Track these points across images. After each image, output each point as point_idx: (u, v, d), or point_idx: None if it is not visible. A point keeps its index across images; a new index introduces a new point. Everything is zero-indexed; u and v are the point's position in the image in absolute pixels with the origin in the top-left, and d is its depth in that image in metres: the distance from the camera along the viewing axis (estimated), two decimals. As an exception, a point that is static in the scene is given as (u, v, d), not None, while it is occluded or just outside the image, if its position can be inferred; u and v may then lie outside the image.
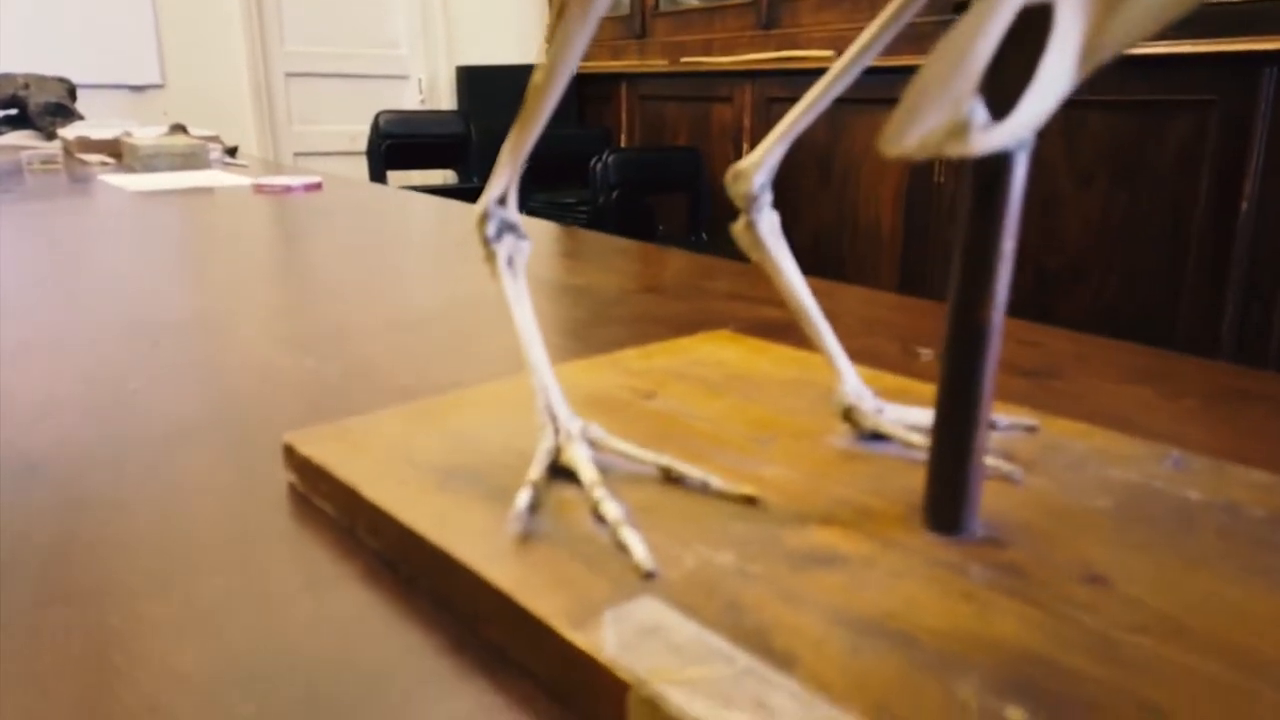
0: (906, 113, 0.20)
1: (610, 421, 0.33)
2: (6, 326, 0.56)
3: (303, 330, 0.54)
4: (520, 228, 0.33)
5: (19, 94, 2.36)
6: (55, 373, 0.46)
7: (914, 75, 0.21)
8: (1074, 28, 0.20)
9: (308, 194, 1.33)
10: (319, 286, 0.68)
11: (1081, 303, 1.97)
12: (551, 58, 0.29)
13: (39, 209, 1.15)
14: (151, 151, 1.57)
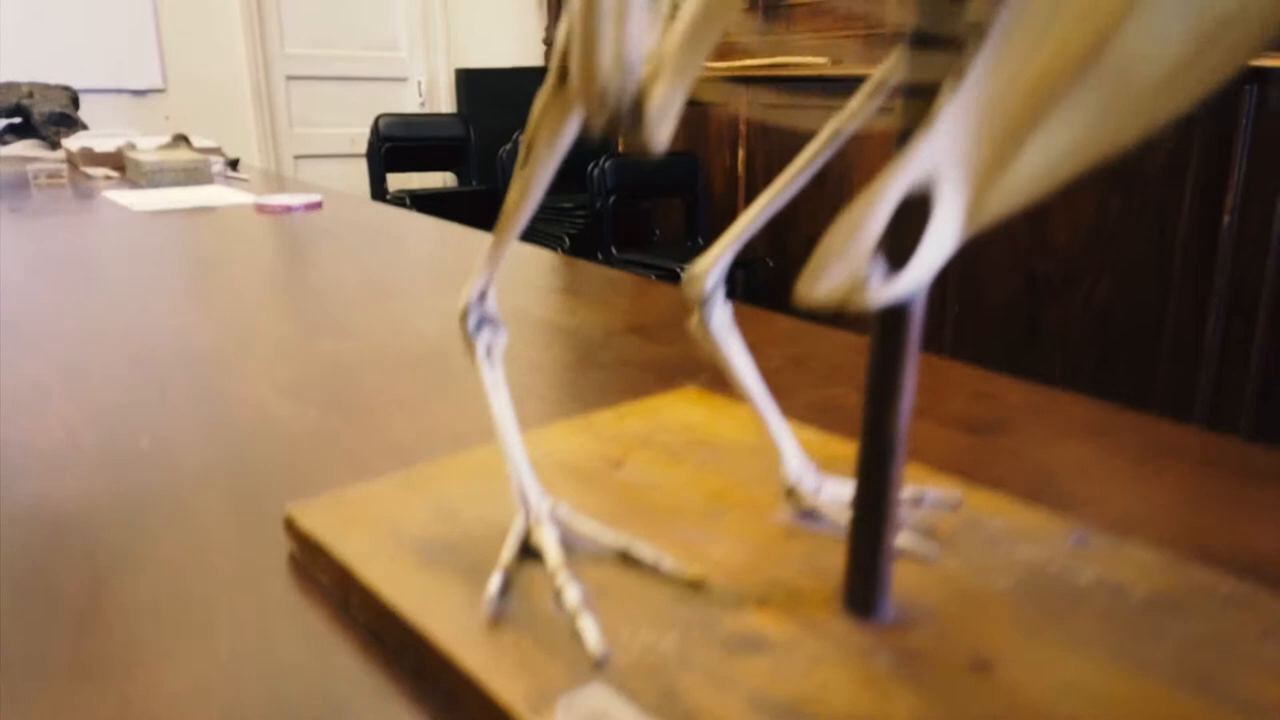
0: (817, 267, 0.24)
1: (580, 493, 0.37)
2: (26, 363, 0.60)
3: (304, 371, 0.58)
4: (498, 320, 0.36)
5: (23, 103, 2.39)
6: (72, 421, 0.50)
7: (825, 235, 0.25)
8: (955, 204, 0.23)
9: (308, 213, 1.37)
10: (320, 318, 0.71)
11: (1072, 307, 2.01)
12: (522, 184, 0.32)
13: (47, 229, 1.19)
14: (155, 167, 1.60)
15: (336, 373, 0.59)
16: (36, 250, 1.06)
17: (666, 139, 0.25)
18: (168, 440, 0.48)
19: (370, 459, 0.45)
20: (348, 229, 1.19)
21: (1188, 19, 0.20)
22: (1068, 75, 0.21)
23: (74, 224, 1.25)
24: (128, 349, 0.64)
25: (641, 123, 0.24)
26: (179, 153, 1.72)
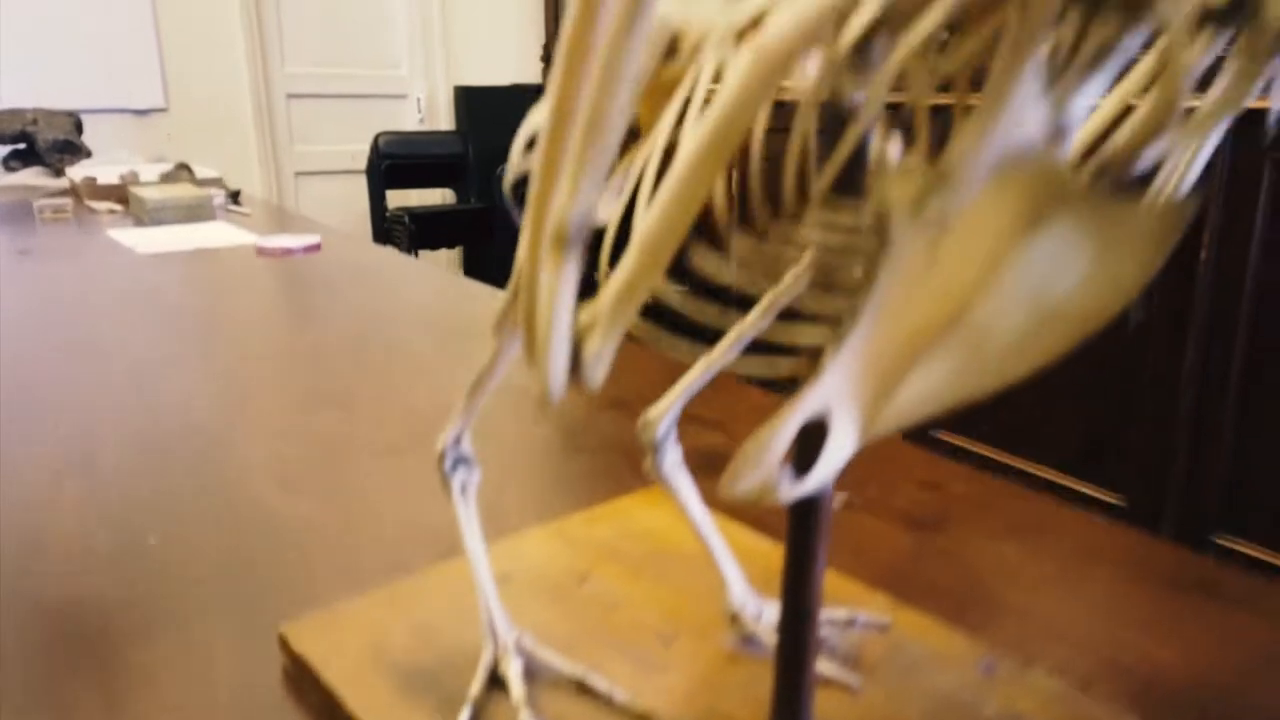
0: (734, 471, 0.28)
1: (549, 610, 0.41)
2: (38, 445, 0.64)
3: (301, 455, 0.62)
4: (472, 460, 0.40)
5: (27, 129, 2.44)
6: (85, 515, 0.54)
7: (743, 445, 0.29)
8: (846, 427, 0.27)
9: (307, 255, 1.41)
10: (317, 387, 0.75)
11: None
12: (493, 356, 0.36)
13: (53, 277, 1.23)
14: (158, 205, 1.64)
15: (331, 457, 0.63)
16: (43, 302, 1.10)
17: (602, 379, 0.29)
18: (174, 537, 0.52)
19: (361, 559, 0.49)
20: (346, 277, 1.23)
21: (1024, 308, 0.24)
22: (931, 339, 0.25)
23: (79, 270, 1.29)
24: (135, 429, 0.68)
25: (578, 369, 0.28)
26: (181, 189, 1.76)
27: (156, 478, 0.60)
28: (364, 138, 3.83)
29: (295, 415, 0.71)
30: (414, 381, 0.79)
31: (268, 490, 0.58)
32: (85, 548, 0.51)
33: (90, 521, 0.54)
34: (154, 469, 0.61)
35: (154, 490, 0.58)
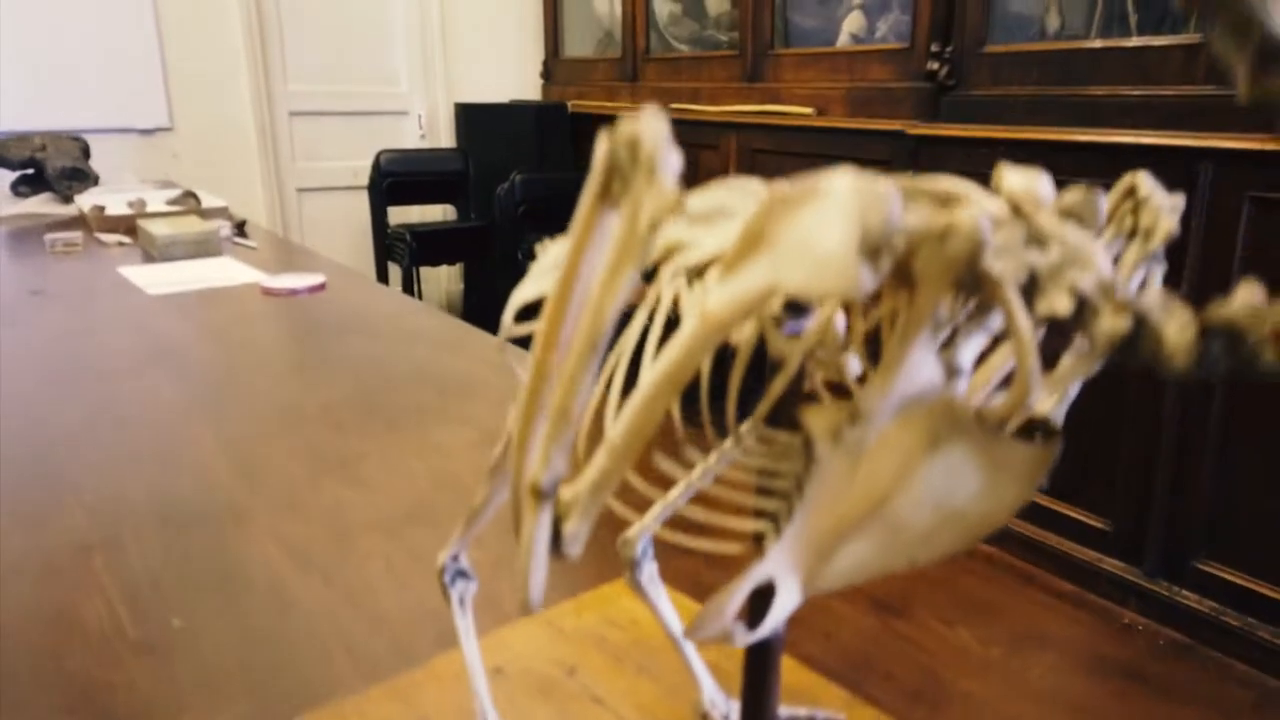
0: (698, 623, 0.32)
1: (537, 704, 0.45)
2: (69, 515, 0.68)
3: (314, 532, 0.66)
4: (470, 573, 0.45)
5: (36, 155, 2.48)
6: (113, 594, 0.58)
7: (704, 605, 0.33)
8: (789, 591, 0.32)
9: (312, 295, 1.46)
10: (325, 453, 0.80)
11: (1041, 367, 2.09)
12: (484, 494, 0.41)
13: (65, 320, 1.28)
14: (167, 240, 1.69)
15: (341, 534, 0.67)
16: (59, 353, 1.14)
17: (579, 553, 0.33)
18: (196, 619, 0.56)
19: (371, 644, 0.54)
20: (350, 322, 1.28)
21: (930, 510, 0.28)
22: (855, 527, 0.29)
23: (91, 313, 1.34)
24: (157, 501, 0.72)
25: (559, 544, 0.32)
26: (189, 224, 1.80)
27: (179, 555, 0.64)
28: (365, 154, 3.87)
29: (307, 486, 0.75)
30: (419, 447, 0.83)
31: (284, 569, 0.62)
32: (114, 629, 0.55)
33: (118, 600, 0.58)
34: (177, 545, 0.65)
35: (177, 569, 0.62)
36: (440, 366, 1.09)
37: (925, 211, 0.24)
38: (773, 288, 0.24)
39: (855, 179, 0.25)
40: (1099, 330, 0.24)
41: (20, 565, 0.63)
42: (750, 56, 2.97)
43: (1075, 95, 1.97)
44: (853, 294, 0.23)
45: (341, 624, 0.56)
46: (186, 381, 1.03)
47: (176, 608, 0.58)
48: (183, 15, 3.46)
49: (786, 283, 0.23)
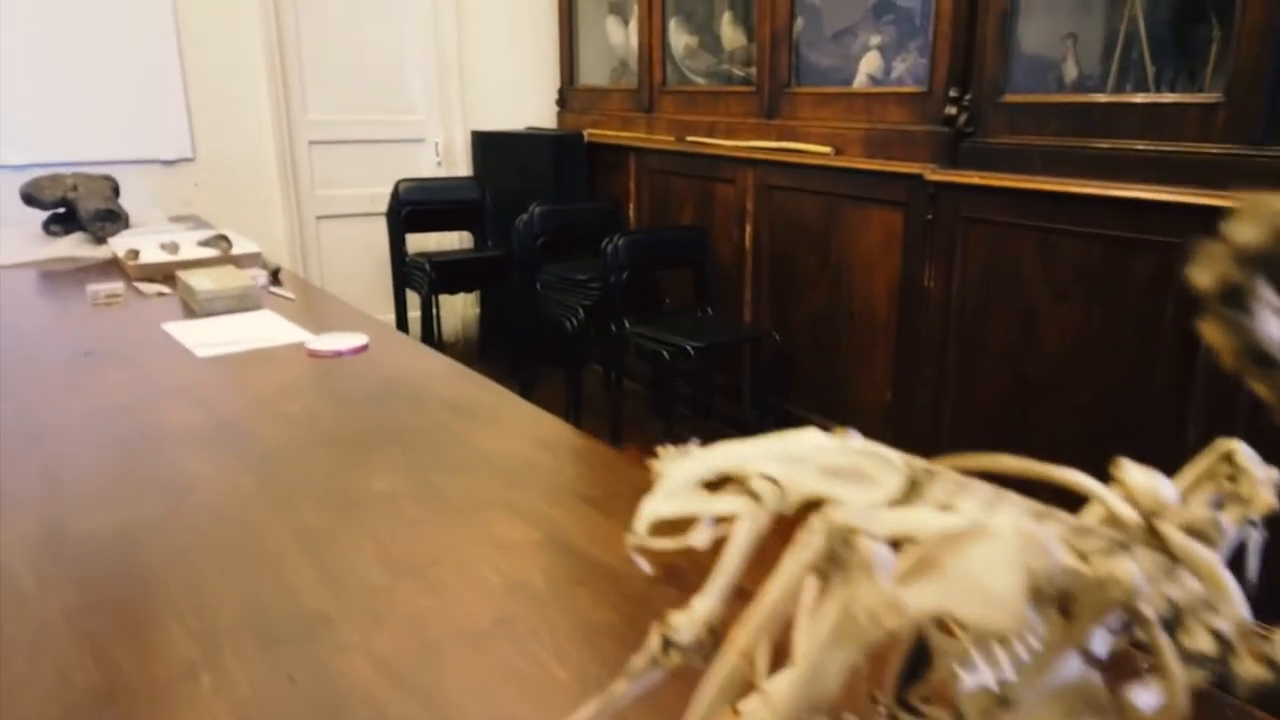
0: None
1: None
2: (175, 637, 0.72)
3: (399, 646, 0.70)
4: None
5: (68, 196, 2.53)
6: (220, 715, 0.62)
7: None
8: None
9: (356, 357, 1.50)
10: (398, 551, 0.84)
11: (1059, 410, 2.13)
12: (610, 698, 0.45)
13: (121, 389, 1.32)
14: (209, 296, 1.73)
15: (425, 647, 0.71)
16: (120, 422, 1.18)
17: None
18: (309, 749, 0.60)
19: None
20: (400, 392, 1.32)
21: None
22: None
23: (145, 379, 1.38)
24: (250, 611, 0.76)
25: None
26: (228, 275, 1.84)
27: (282, 676, 0.68)
28: (383, 181, 3.92)
29: (387, 593, 0.79)
30: (485, 546, 0.87)
31: (381, 691, 0.66)
32: (234, 759, 0.59)
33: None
34: (278, 664, 0.69)
35: (283, 693, 0.66)
36: (492, 447, 1.13)
37: (1087, 546, 0.28)
38: (944, 612, 0.27)
39: (1019, 520, 0.28)
40: (1240, 674, 0.27)
41: (134, 687, 0.67)
42: (767, 93, 3.01)
43: (1093, 147, 2.01)
44: (1019, 631, 0.26)
45: (446, 754, 0.60)
46: (251, 462, 1.07)
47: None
48: (206, 49, 3.51)
49: (958, 612, 0.27)
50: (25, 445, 1.13)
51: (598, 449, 1.12)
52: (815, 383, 2.96)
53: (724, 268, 3.25)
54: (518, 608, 0.77)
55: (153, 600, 0.79)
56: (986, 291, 2.25)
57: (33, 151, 3.22)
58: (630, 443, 3.22)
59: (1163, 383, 1.89)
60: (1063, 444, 2.12)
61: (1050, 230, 2.08)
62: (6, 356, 1.52)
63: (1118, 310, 1.97)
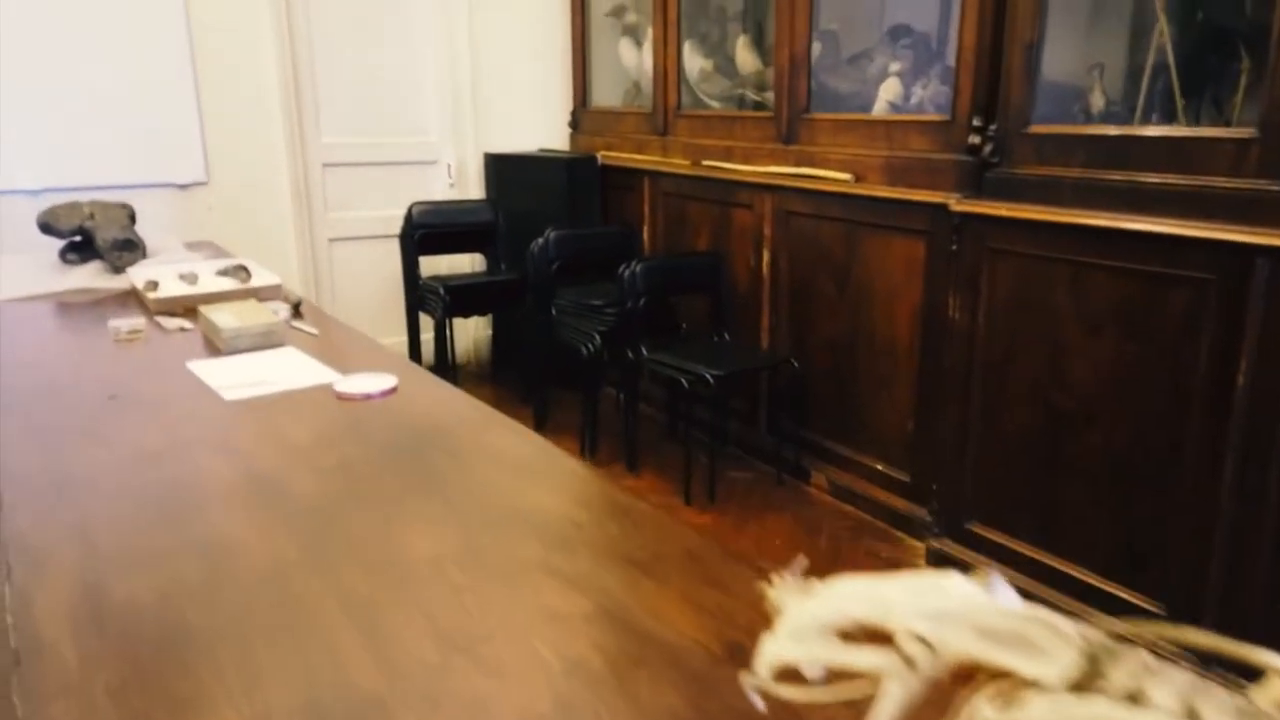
0: None
1: None
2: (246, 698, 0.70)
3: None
4: None
5: (85, 224, 2.51)
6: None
7: None
8: None
9: (384, 401, 1.48)
10: (453, 624, 0.82)
11: (1092, 445, 2.10)
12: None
13: (149, 435, 1.30)
14: (233, 334, 1.71)
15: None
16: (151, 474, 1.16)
17: None
18: None
19: None
20: (433, 438, 1.29)
21: None
22: None
23: (173, 425, 1.36)
24: (306, 698, 0.74)
25: None
26: (251, 311, 1.83)
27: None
28: (395, 203, 3.91)
29: (443, 675, 0.76)
30: (537, 619, 0.85)
31: (445, 789, 0.63)
32: None
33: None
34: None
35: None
36: (532, 502, 1.10)
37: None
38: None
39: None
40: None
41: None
42: (785, 118, 3.00)
43: (1123, 180, 1.99)
44: None
45: None
46: (290, 521, 1.04)
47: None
48: (221, 73, 3.50)
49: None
50: (56, 498, 1.11)
51: (639, 506, 1.09)
52: (834, 410, 2.94)
53: (740, 292, 3.23)
54: (577, 690, 0.75)
55: (200, 677, 0.76)
56: (1014, 324, 2.23)
57: (48, 176, 3.22)
58: (646, 468, 3.20)
59: (1198, 421, 1.87)
60: (1094, 481, 2.10)
61: (1080, 263, 2.06)
62: (31, 397, 1.51)
63: (1151, 346, 1.94)
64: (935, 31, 3.12)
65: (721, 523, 2.79)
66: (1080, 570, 2.15)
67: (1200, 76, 2.14)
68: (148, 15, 3.31)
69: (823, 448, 3.00)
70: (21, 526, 1.03)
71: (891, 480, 2.75)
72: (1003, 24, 2.23)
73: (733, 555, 0.96)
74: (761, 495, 2.99)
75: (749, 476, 3.14)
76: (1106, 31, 2.39)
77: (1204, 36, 2.10)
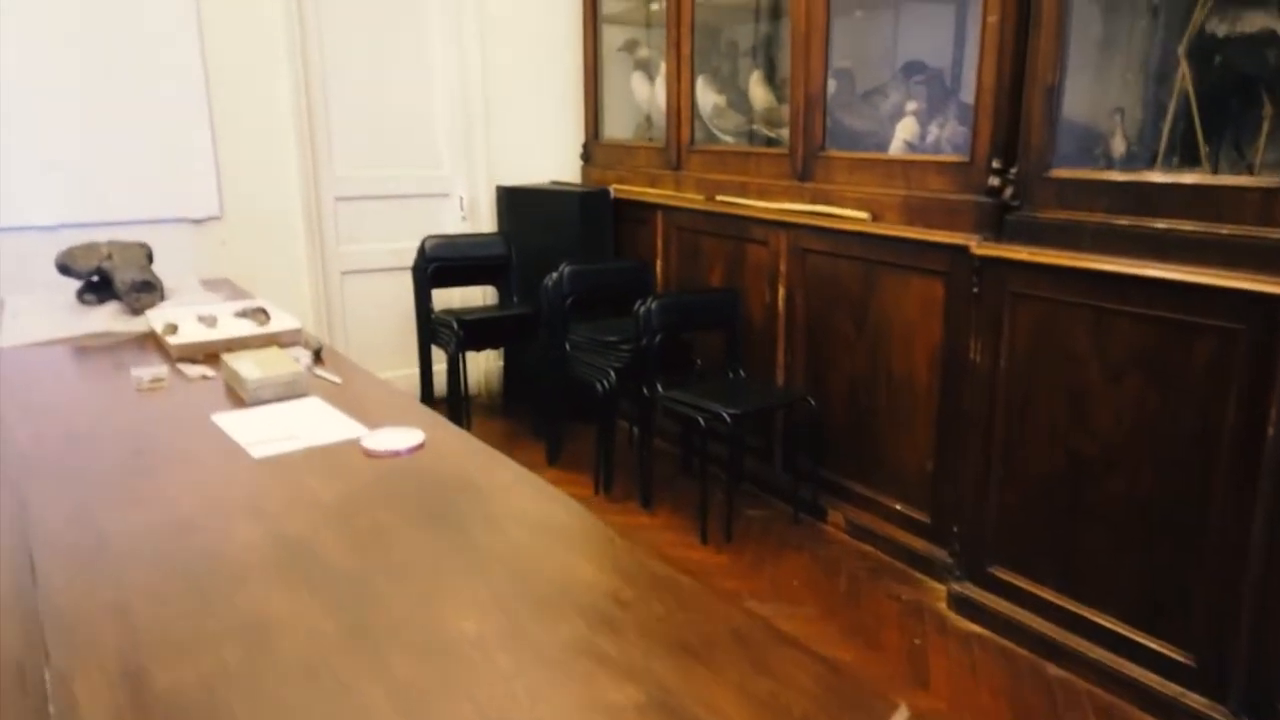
0: None
1: None
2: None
3: None
4: None
5: (103, 265, 2.51)
6: None
7: None
8: None
9: (413, 457, 1.47)
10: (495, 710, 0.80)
11: (1115, 491, 2.08)
12: None
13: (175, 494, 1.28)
14: (257, 385, 1.70)
15: None
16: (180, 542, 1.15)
17: None
18: None
19: None
20: (465, 502, 1.28)
21: None
22: None
23: (200, 486, 1.35)
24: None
25: None
26: (274, 360, 1.82)
27: None
28: (406, 236, 3.93)
29: (498, 773, 0.75)
30: (590, 708, 0.83)
31: None
32: None
33: None
34: None
35: None
36: (573, 575, 1.09)
37: None
38: None
39: None
40: None
41: None
42: (801, 156, 3.01)
43: (1146, 227, 1.99)
44: None
45: None
46: (328, 596, 1.03)
47: None
48: (236, 108, 3.52)
49: None
50: (91, 569, 1.09)
51: (682, 582, 1.08)
52: (851, 448, 2.92)
53: (755, 328, 3.23)
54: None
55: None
56: (1036, 367, 2.22)
57: (63, 212, 3.22)
58: (661, 504, 3.19)
59: (1226, 470, 1.85)
60: (1118, 527, 2.08)
61: (1103, 309, 2.05)
62: (57, 450, 1.49)
63: (1176, 393, 1.93)
64: (949, 68, 3.13)
65: (738, 563, 2.77)
66: (1105, 617, 2.13)
67: (1221, 120, 2.14)
68: (163, 50, 3.33)
69: (840, 486, 2.98)
70: (58, 603, 1.02)
71: (911, 520, 2.73)
72: (1021, 65, 2.23)
73: (783, 638, 0.95)
74: (778, 534, 2.97)
75: (764, 514, 3.12)
76: (1126, 74, 2.39)
77: (1225, 81, 2.10)
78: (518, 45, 4.08)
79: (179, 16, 3.32)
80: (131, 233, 2.81)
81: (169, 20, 3.31)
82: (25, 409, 1.71)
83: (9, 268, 3.06)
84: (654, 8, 3.95)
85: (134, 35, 3.27)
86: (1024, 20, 2.21)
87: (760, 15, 3.77)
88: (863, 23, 3.45)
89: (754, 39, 3.83)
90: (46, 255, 2.58)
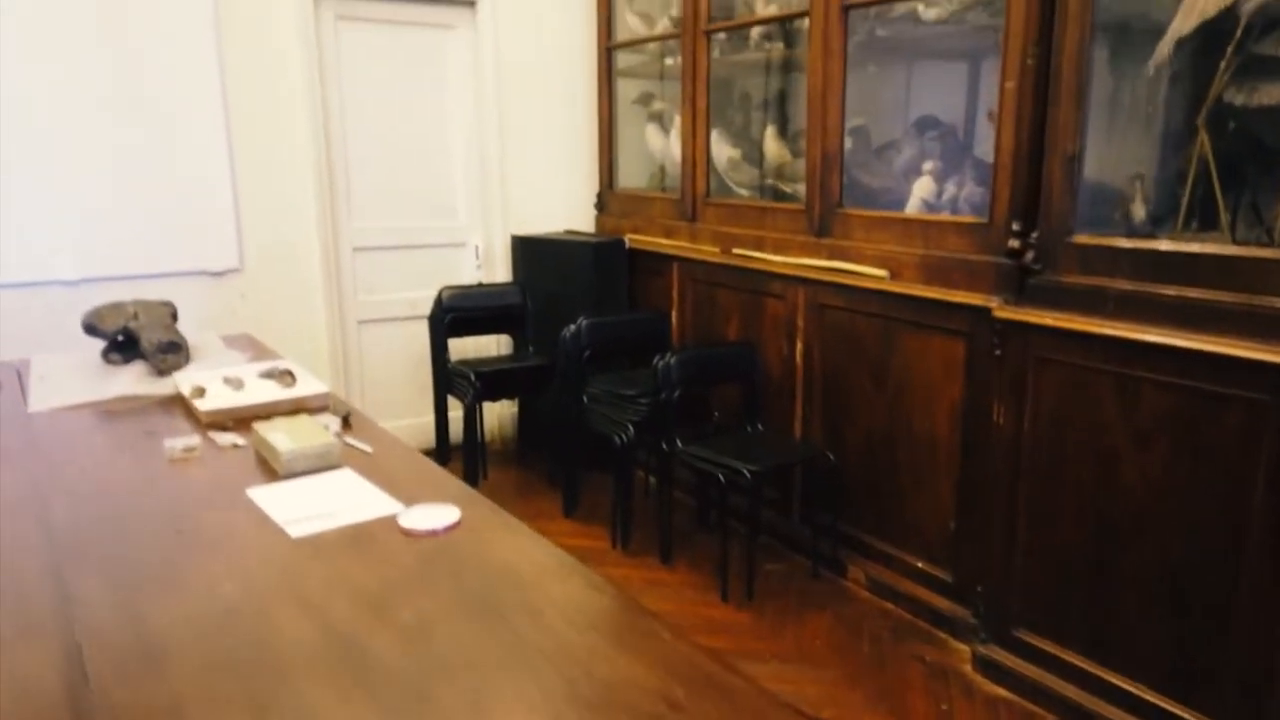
0: None
1: None
2: None
3: None
4: None
5: (129, 325, 2.53)
6: None
7: None
8: None
9: (449, 536, 1.47)
10: None
11: (1144, 557, 2.08)
12: None
13: (219, 576, 1.29)
14: (291, 457, 1.71)
15: None
16: (227, 628, 1.15)
17: None
18: None
19: None
20: (507, 591, 1.28)
21: None
22: None
23: (242, 568, 1.35)
24: None
25: None
26: (306, 431, 1.83)
27: None
28: (422, 285, 3.96)
29: None
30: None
31: None
32: None
33: None
34: None
35: None
36: (623, 675, 1.09)
37: None
38: None
39: None
40: None
41: None
42: (818, 213, 3.04)
43: (1169, 295, 2.00)
44: None
45: None
46: (382, 699, 1.03)
47: None
48: (256, 161, 3.57)
49: None
50: (138, 661, 1.09)
51: (733, 681, 1.08)
52: (870, 504, 2.92)
53: (772, 381, 3.24)
54: None
55: None
56: (1061, 431, 2.23)
57: (85, 266, 3.25)
58: (680, 559, 3.18)
59: (1257, 539, 1.85)
60: (1147, 594, 2.07)
61: (1129, 376, 2.06)
62: (97, 534, 1.50)
63: (1205, 461, 1.94)
64: (962, 124, 3.17)
65: (760, 622, 2.76)
66: (1134, 684, 2.12)
67: (1239, 186, 2.16)
68: (185, 103, 3.38)
69: (860, 541, 2.97)
70: (112, 704, 1.02)
71: (933, 579, 2.72)
72: (1041, 128, 2.26)
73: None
74: (798, 591, 2.96)
75: (783, 568, 3.11)
76: (1145, 140, 2.42)
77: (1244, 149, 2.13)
78: (533, 97, 4.13)
79: (202, 69, 3.38)
80: (152, 285, 2.84)
81: (192, 74, 3.37)
82: (60, 482, 1.71)
83: (35, 324, 3.08)
84: (668, 62, 4.01)
85: (158, 91, 3.32)
86: (1042, 84, 2.24)
87: (771, 69, 3.82)
88: (875, 79, 3.49)
89: (765, 92, 3.88)
90: (68, 309, 2.60)
